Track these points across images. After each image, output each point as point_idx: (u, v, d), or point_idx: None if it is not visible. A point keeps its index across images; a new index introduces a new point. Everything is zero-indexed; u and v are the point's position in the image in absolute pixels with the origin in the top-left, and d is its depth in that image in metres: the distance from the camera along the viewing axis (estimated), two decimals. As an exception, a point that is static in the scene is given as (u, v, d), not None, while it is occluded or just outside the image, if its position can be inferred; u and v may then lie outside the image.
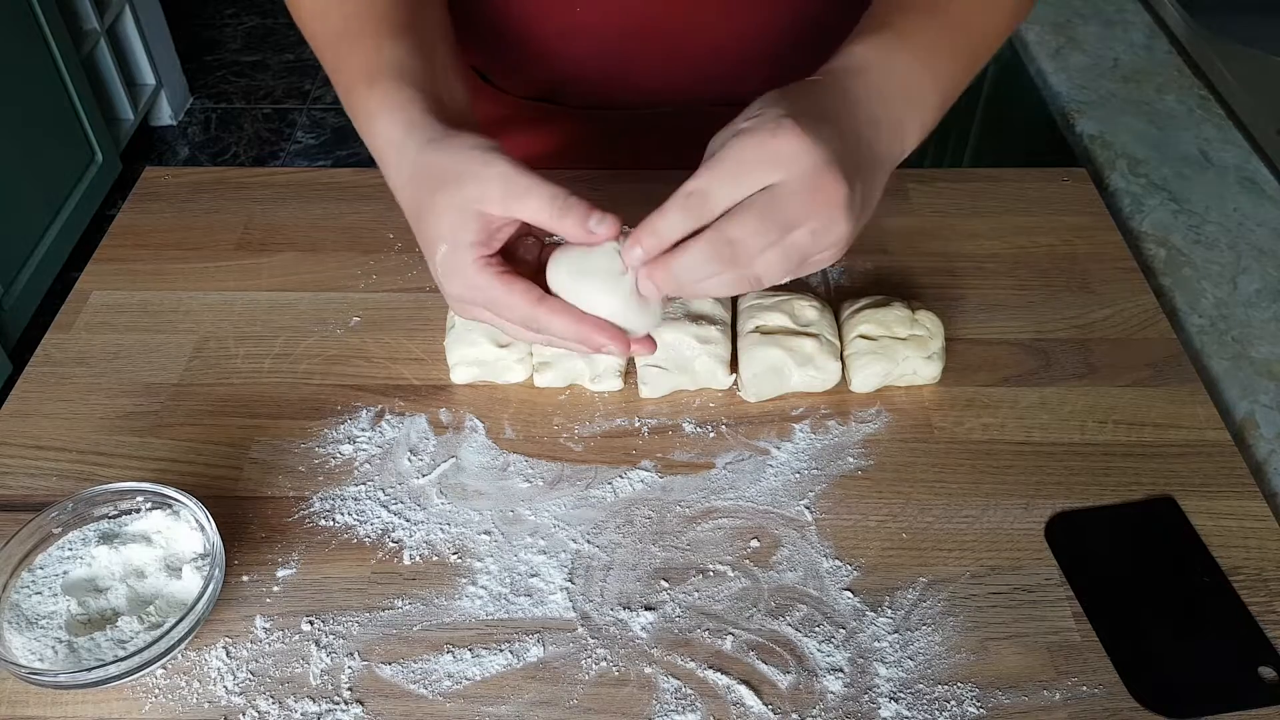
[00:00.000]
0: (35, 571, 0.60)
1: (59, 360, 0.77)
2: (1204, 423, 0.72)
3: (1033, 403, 0.73)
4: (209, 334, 0.79)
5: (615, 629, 0.60)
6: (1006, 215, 0.89)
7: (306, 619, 0.61)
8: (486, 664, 0.59)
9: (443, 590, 0.62)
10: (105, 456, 0.70)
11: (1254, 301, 0.83)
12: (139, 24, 2.57)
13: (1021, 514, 0.66)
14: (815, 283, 0.82)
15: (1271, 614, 0.61)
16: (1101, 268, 0.84)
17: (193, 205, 0.90)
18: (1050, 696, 0.57)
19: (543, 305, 0.57)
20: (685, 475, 0.69)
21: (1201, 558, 0.64)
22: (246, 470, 0.69)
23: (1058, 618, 0.61)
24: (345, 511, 0.66)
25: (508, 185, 0.55)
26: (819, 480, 0.68)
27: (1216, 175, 0.96)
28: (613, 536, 0.65)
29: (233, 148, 2.74)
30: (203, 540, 0.61)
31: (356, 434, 0.71)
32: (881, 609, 0.61)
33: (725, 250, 0.53)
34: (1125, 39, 1.16)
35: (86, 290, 0.82)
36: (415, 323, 0.79)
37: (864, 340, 0.73)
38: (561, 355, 0.73)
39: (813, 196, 0.53)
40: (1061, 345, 0.77)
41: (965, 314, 0.80)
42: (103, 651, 0.57)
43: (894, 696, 0.57)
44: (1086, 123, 1.03)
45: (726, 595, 0.62)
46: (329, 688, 0.58)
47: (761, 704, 0.57)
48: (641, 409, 0.73)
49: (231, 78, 2.98)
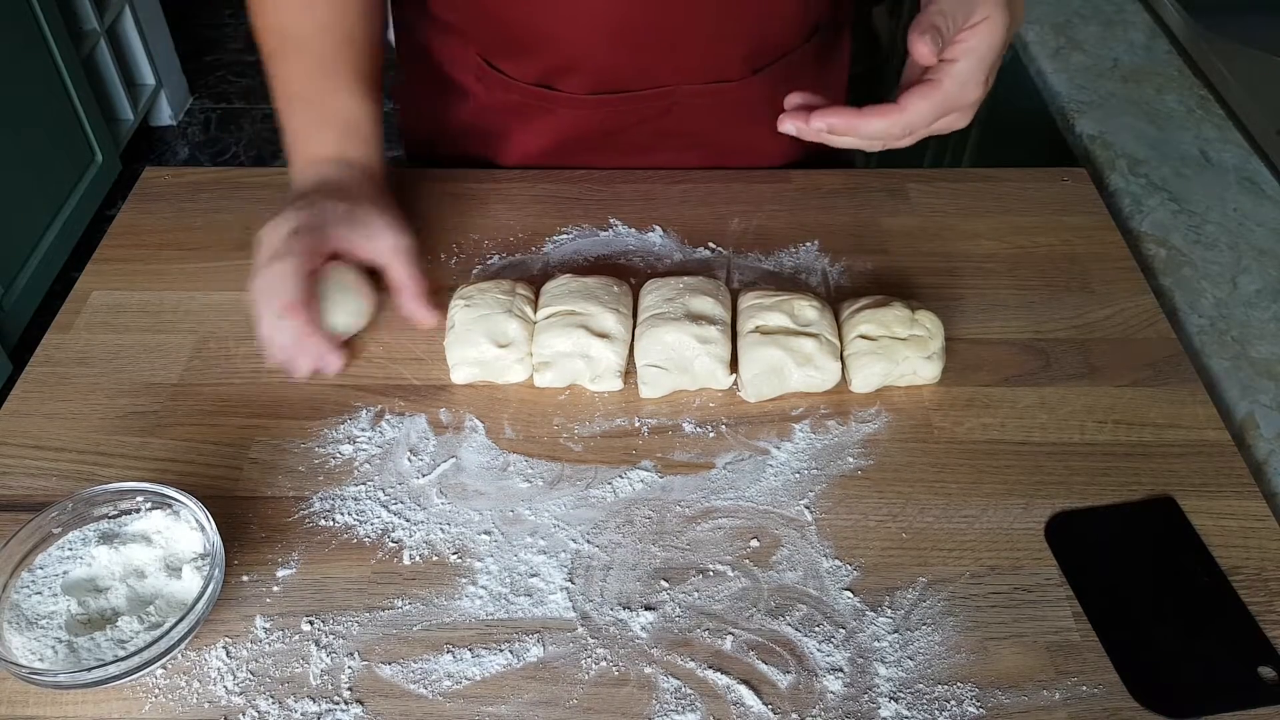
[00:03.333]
0: (35, 571, 0.60)
1: (59, 360, 0.77)
2: (1204, 423, 0.72)
3: (1032, 403, 0.73)
4: (209, 334, 0.79)
5: (615, 629, 0.60)
6: (1006, 215, 0.89)
7: (306, 619, 0.61)
8: (486, 664, 0.59)
9: (443, 590, 0.62)
10: (105, 456, 0.70)
11: (1254, 301, 0.83)
12: (139, 24, 2.57)
13: (1021, 514, 0.66)
14: (815, 283, 0.83)
15: (1271, 614, 0.61)
16: (1101, 268, 0.84)
17: (193, 205, 0.90)
18: (1050, 696, 0.57)
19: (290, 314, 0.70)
20: (685, 475, 0.69)
21: (1201, 558, 0.64)
22: (246, 470, 0.69)
23: (1058, 618, 0.61)
24: (345, 511, 0.66)
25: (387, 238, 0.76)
26: (819, 480, 0.68)
27: (1216, 175, 0.96)
28: (613, 536, 0.65)
29: (233, 148, 2.74)
30: (203, 540, 0.61)
31: (356, 434, 0.71)
32: (881, 609, 0.61)
33: (899, 130, 0.67)
34: (1125, 39, 1.16)
35: (86, 290, 0.82)
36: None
37: (864, 340, 0.73)
38: (561, 355, 0.73)
39: (967, 113, 0.69)
40: (1061, 345, 0.77)
41: (965, 314, 0.80)
42: (103, 651, 0.57)
43: (894, 696, 0.57)
44: (1086, 123, 1.03)
45: (726, 595, 0.62)
46: (329, 688, 0.58)
47: (761, 704, 0.57)
48: (641, 409, 0.73)
49: (231, 78, 2.98)
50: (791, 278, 0.83)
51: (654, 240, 0.86)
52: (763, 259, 0.85)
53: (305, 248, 0.72)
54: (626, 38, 0.84)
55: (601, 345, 0.72)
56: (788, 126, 0.68)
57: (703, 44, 0.86)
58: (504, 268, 0.84)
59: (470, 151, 0.97)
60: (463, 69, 0.93)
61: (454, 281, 0.80)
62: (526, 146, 0.94)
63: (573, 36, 0.85)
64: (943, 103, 0.67)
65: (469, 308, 0.74)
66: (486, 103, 0.93)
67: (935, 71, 0.67)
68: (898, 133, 0.67)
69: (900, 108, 0.66)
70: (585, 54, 0.86)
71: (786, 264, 0.84)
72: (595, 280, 0.76)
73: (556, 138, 0.93)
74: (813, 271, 0.84)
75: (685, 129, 0.92)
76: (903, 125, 0.67)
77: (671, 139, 0.93)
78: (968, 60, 0.66)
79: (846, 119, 0.67)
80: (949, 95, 0.67)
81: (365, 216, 0.75)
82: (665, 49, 0.86)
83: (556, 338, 0.72)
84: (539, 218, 0.88)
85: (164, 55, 2.72)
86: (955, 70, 0.66)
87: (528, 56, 0.88)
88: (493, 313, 0.73)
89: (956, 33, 0.66)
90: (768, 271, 0.84)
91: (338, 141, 0.80)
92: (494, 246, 0.86)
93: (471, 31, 0.90)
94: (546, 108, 0.91)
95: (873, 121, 0.66)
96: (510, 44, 0.88)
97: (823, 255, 0.85)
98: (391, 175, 0.83)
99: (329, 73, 0.80)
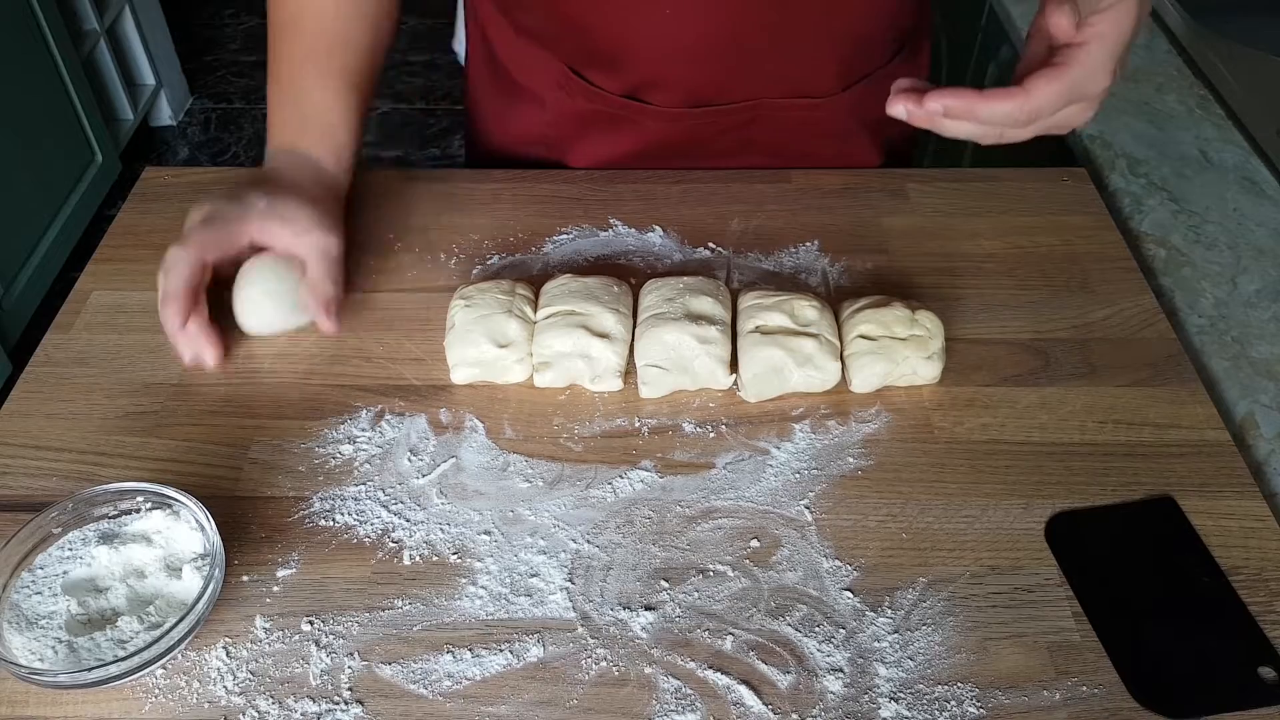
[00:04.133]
0: (35, 571, 0.60)
1: (59, 360, 0.77)
2: (1204, 423, 0.72)
3: (1033, 403, 0.73)
4: (209, 334, 0.78)
5: (615, 629, 0.60)
6: (1006, 215, 0.89)
7: (306, 619, 0.61)
8: (486, 664, 0.59)
9: (443, 590, 0.62)
10: (105, 456, 0.70)
11: (1254, 301, 0.83)
12: (139, 24, 2.57)
13: (1021, 514, 0.66)
14: (815, 283, 0.83)
15: (1271, 614, 0.61)
16: (1101, 268, 0.84)
17: (193, 205, 0.90)
18: (1050, 696, 0.57)
19: (173, 298, 0.71)
20: (685, 475, 0.69)
21: (1201, 558, 0.64)
22: (246, 470, 0.69)
23: (1058, 618, 0.61)
24: (345, 511, 0.66)
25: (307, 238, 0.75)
26: (819, 480, 0.68)
27: (1216, 175, 0.96)
28: (613, 536, 0.65)
29: (233, 148, 2.74)
30: (203, 540, 0.61)
31: (356, 434, 0.71)
32: (881, 609, 0.61)
33: (1023, 115, 0.62)
34: (1125, 39, 1.15)
35: (86, 290, 0.82)
36: (415, 323, 0.79)
37: (864, 340, 0.73)
38: (561, 355, 0.73)
39: (1092, 105, 0.64)
40: (1061, 345, 0.77)
41: (965, 314, 0.80)
42: (103, 651, 0.57)
43: (894, 696, 0.57)
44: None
45: (726, 595, 0.62)
46: (329, 688, 0.58)
47: (761, 704, 0.57)
48: (641, 409, 0.73)
49: (231, 78, 2.98)
50: (791, 278, 0.83)
51: (654, 240, 0.86)
52: (763, 259, 0.85)
53: (207, 238, 0.73)
54: (711, 54, 0.84)
55: (601, 345, 0.72)
56: (898, 109, 0.63)
57: (789, 61, 0.86)
58: (504, 268, 0.84)
59: (539, 156, 0.96)
60: (542, 77, 0.92)
61: (454, 281, 0.80)
62: (603, 154, 0.94)
63: (657, 52, 0.85)
64: (1070, 88, 0.62)
65: (469, 308, 0.74)
66: (567, 110, 0.93)
67: (1062, 55, 0.62)
68: (1022, 118, 0.62)
69: (1026, 90, 0.61)
70: (674, 69, 0.86)
71: (786, 264, 0.84)
72: (595, 280, 0.76)
73: (637, 146, 0.93)
74: (813, 271, 0.84)
75: (769, 140, 0.92)
76: (1028, 110, 0.62)
77: (754, 148, 0.93)
78: (1099, 45, 0.61)
79: (966, 100, 0.61)
80: (1077, 81, 0.62)
81: (290, 210, 0.75)
82: (751, 65, 0.86)
83: (556, 338, 0.72)
84: (539, 218, 0.88)
85: (164, 55, 2.72)
86: (1084, 54, 0.61)
87: (615, 69, 0.88)
88: (493, 313, 0.73)
89: (1089, 15, 0.61)
90: (768, 271, 0.84)
91: (298, 132, 0.81)
92: (494, 246, 0.86)
93: (559, 43, 0.90)
94: (632, 118, 0.91)
95: (994, 104, 0.61)
96: (599, 57, 0.88)
97: (823, 255, 0.85)
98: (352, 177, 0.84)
99: (315, 65, 0.81)
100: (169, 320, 0.72)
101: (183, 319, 0.71)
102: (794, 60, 0.86)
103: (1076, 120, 0.65)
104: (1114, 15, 0.62)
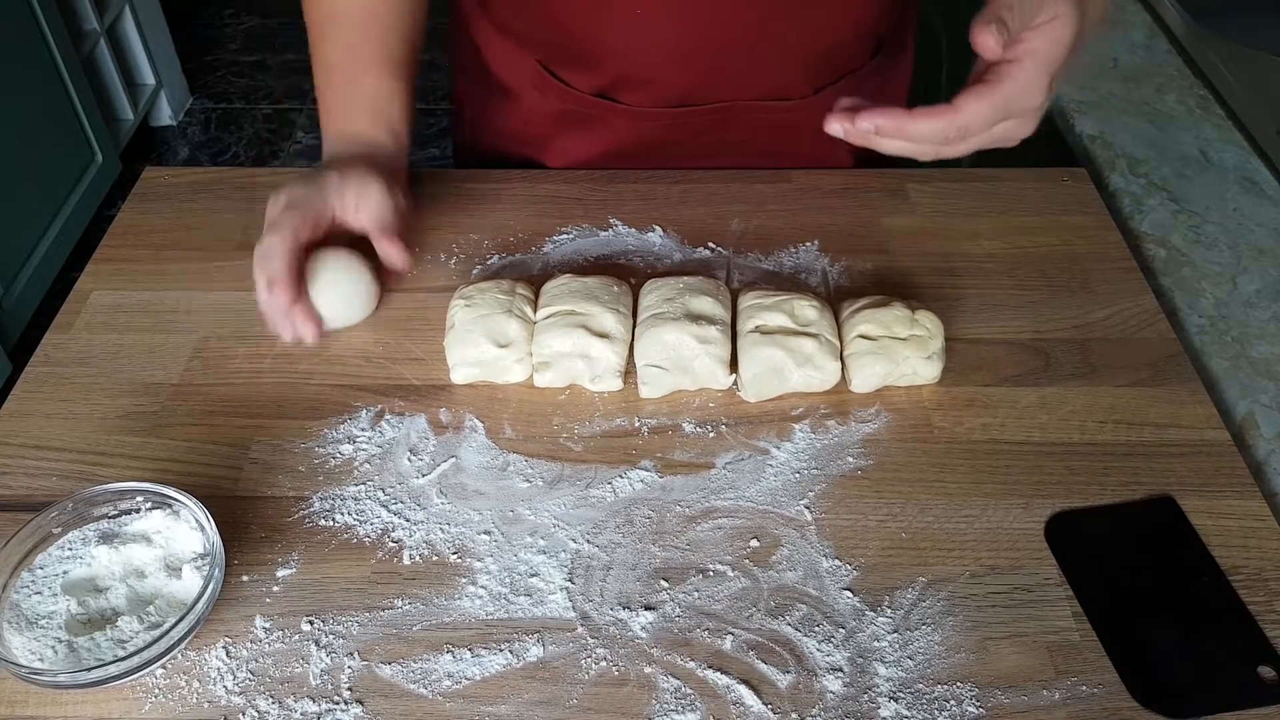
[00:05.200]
0: (35, 571, 0.60)
1: (59, 360, 0.77)
2: (1204, 422, 0.72)
3: (1032, 403, 0.73)
4: (209, 334, 0.79)
5: (615, 629, 0.60)
6: (1006, 215, 0.89)
7: (306, 619, 0.61)
8: (486, 664, 0.59)
9: (443, 590, 0.62)
10: (105, 456, 0.70)
11: (1254, 301, 0.83)
12: (139, 24, 2.57)
13: (1021, 514, 0.66)
14: (815, 283, 0.83)
15: (1271, 614, 0.61)
16: (1101, 268, 0.84)
17: (193, 205, 0.90)
18: (1050, 696, 0.57)
19: (284, 278, 0.72)
20: (685, 475, 0.69)
21: (1201, 558, 0.64)
22: (246, 470, 0.69)
23: (1057, 617, 0.61)
24: (345, 511, 0.66)
25: None
26: (819, 480, 0.68)
27: (1216, 175, 0.96)
28: (612, 536, 0.65)
29: (233, 148, 2.74)
30: (203, 540, 0.61)
31: (356, 434, 0.71)
32: (881, 609, 0.61)
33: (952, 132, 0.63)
34: (1125, 39, 1.16)
35: (86, 290, 0.82)
36: (415, 323, 0.79)
37: (864, 340, 0.73)
38: (561, 355, 0.73)
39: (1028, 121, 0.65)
40: (1061, 345, 0.77)
41: (965, 314, 0.80)
42: (103, 651, 0.57)
43: (894, 696, 0.57)
44: (1086, 123, 1.03)
45: (726, 595, 0.62)
46: (329, 688, 0.58)
47: (761, 704, 0.57)
48: (641, 409, 0.73)
49: (231, 78, 2.98)
50: (791, 278, 0.83)
51: (654, 240, 0.86)
52: (763, 259, 0.85)
53: (297, 222, 0.73)
54: (688, 55, 0.84)
55: (601, 345, 0.72)
56: (834, 127, 0.64)
57: (765, 63, 0.86)
58: (504, 268, 0.84)
59: (519, 153, 0.97)
60: (519, 75, 0.93)
61: (454, 281, 0.80)
62: (578, 153, 0.94)
63: (634, 52, 0.85)
64: (1001, 105, 0.62)
65: (469, 308, 0.74)
66: (542, 109, 0.93)
67: (993, 72, 0.62)
68: (952, 134, 0.62)
69: (954, 108, 0.62)
70: (646, 69, 0.86)
71: (786, 264, 0.84)
72: (595, 280, 0.76)
73: (610, 145, 0.93)
74: (813, 271, 0.84)
75: (744, 140, 0.93)
76: (956, 127, 0.62)
77: (729, 149, 0.93)
78: (1032, 61, 0.61)
79: (895, 120, 0.62)
80: (1008, 97, 0.62)
81: (359, 183, 0.76)
82: (727, 67, 0.86)
83: (556, 338, 0.72)
84: (539, 218, 0.88)
85: (164, 55, 2.72)
86: (1017, 70, 0.62)
87: (589, 68, 0.89)
88: (493, 313, 0.73)
89: (1022, 30, 0.61)
90: (768, 271, 0.84)
91: (358, 119, 0.83)
92: (494, 246, 0.86)
93: (533, 40, 0.90)
94: (605, 118, 0.91)
95: (922, 123, 0.62)
96: (572, 55, 0.89)
97: (823, 255, 0.85)
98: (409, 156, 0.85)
99: (363, 53, 0.83)
100: (279, 301, 0.72)
101: (291, 299, 0.72)
102: (764, 64, 0.86)
103: (1015, 136, 0.65)
104: (1049, 31, 0.61)
